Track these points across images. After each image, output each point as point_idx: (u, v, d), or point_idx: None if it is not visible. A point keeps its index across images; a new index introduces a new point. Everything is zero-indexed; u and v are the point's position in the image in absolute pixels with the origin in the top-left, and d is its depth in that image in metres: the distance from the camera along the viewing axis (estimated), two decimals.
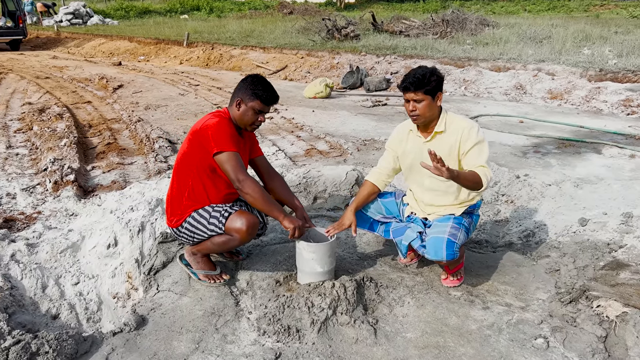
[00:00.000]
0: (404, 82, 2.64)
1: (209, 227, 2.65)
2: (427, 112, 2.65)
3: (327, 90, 9.08)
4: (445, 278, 2.87)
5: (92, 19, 26.38)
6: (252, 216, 2.63)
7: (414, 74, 2.63)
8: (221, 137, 2.59)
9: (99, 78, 11.40)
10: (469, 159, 2.67)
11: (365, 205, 2.96)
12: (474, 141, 2.65)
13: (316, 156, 5.70)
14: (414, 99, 2.62)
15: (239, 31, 18.00)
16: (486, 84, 9.47)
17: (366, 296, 2.70)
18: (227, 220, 2.61)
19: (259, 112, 2.71)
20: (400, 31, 15.41)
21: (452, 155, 2.71)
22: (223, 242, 2.66)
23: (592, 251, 3.02)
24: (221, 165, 2.60)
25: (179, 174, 2.74)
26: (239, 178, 2.57)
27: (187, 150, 2.71)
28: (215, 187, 2.73)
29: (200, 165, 2.67)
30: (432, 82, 2.61)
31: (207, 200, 2.72)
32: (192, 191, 2.71)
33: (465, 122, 2.71)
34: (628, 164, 5.25)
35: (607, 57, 10.52)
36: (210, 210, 2.69)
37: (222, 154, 2.58)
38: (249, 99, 2.69)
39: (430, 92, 2.62)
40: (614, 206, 3.68)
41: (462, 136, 2.67)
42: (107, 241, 3.52)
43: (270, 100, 2.72)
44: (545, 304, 2.69)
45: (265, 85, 2.71)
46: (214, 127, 2.59)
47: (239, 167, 2.59)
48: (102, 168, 5.65)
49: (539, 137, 6.35)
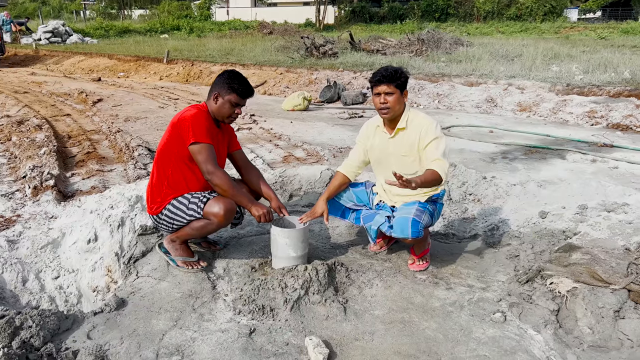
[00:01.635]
0: (377, 76, 2.84)
1: (188, 212, 2.79)
2: (396, 105, 2.84)
3: (305, 103, 9.30)
4: (412, 263, 3.05)
5: (72, 38, 26.37)
6: (229, 202, 2.77)
7: (386, 69, 2.84)
8: (197, 129, 2.74)
9: (78, 92, 11.46)
10: (427, 152, 2.86)
11: (337, 194, 3.13)
12: (432, 136, 2.84)
13: (293, 162, 5.86)
14: (386, 92, 2.82)
15: (219, 49, 18.24)
16: (459, 97, 9.80)
17: (337, 279, 2.85)
18: (205, 205, 2.75)
19: (235, 105, 2.88)
20: (377, 50, 15.82)
21: (412, 150, 2.90)
22: (201, 226, 2.79)
23: (549, 238, 3.22)
24: (194, 155, 2.76)
25: (159, 164, 2.88)
26: (209, 169, 2.74)
27: (167, 141, 2.85)
28: (194, 176, 2.88)
29: (179, 155, 2.82)
30: (402, 78, 2.84)
31: (186, 188, 2.86)
32: (171, 180, 2.85)
33: (425, 120, 2.91)
34: (589, 167, 5.53)
35: (574, 73, 10.99)
36: (189, 197, 2.83)
37: (196, 145, 2.74)
38: (225, 92, 2.85)
39: (400, 87, 2.84)
40: (572, 201, 3.90)
41: (421, 133, 2.87)
42: (87, 236, 3.61)
43: (246, 94, 2.89)
44: (504, 285, 2.87)
45: (241, 79, 2.88)
46: (191, 119, 2.75)
47: (210, 159, 2.75)
48: (82, 175, 5.72)
49: (507, 144, 6.63)
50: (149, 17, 42.31)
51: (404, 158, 2.92)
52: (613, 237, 3.08)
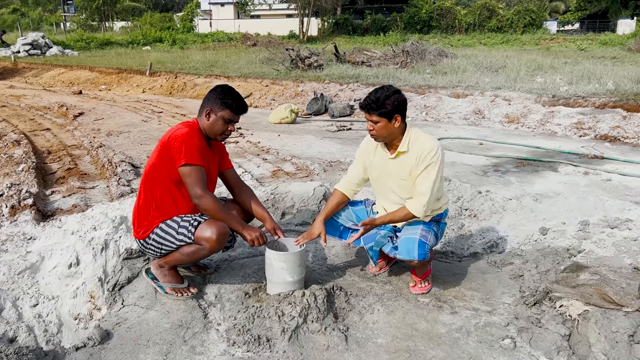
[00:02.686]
0: (362, 102, 2.71)
1: (177, 237, 2.62)
2: (384, 133, 2.70)
3: (292, 116, 9.17)
4: (414, 285, 2.91)
5: (51, 50, 25.99)
6: (222, 225, 2.61)
7: (370, 96, 2.67)
8: (188, 149, 2.58)
9: (59, 106, 11.18)
10: (416, 184, 2.73)
11: (336, 213, 2.98)
12: (426, 164, 2.67)
13: (283, 177, 5.71)
14: (370, 120, 2.69)
15: (203, 61, 18.08)
16: (446, 109, 9.77)
17: (336, 304, 2.70)
18: (196, 229, 2.58)
19: (228, 122, 2.73)
20: (362, 62, 15.81)
21: (412, 176, 2.76)
22: (192, 251, 2.62)
23: (553, 256, 3.12)
24: (183, 177, 2.60)
25: (146, 185, 2.71)
26: (197, 193, 2.58)
27: (156, 161, 2.69)
28: (184, 198, 2.71)
29: (169, 176, 2.65)
30: (388, 105, 2.63)
31: (175, 211, 2.70)
32: (160, 202, 2.67)
33: (427, 144, 2.70)
34: (582, 180, 5.48)
35: (559, 85, 11.06)
36: (178, 220, 2.66)
37: (186, 167, 2.58)
38: (218, 108, 2.70)
39: (385, 115, 2.64)
40: (571, 216, 3.82)
41: (418, 159, 2.70)
42: (68, 260, 3.41)
43: (240, 110, 2.75)
44: (510, 307, 2.74)
45: (234, 95, 2.74)
46: (182, 138, 2.59)
47: (199, 182, 2.59)
48: (62, 192, 5.50)
49: (498, 157, 6.56)
50: (131, 29, 41.97)
51: (403, 182, 2.79)
52: (619, 255, 2.98)
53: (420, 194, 2.70)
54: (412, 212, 2.69)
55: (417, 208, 2.69)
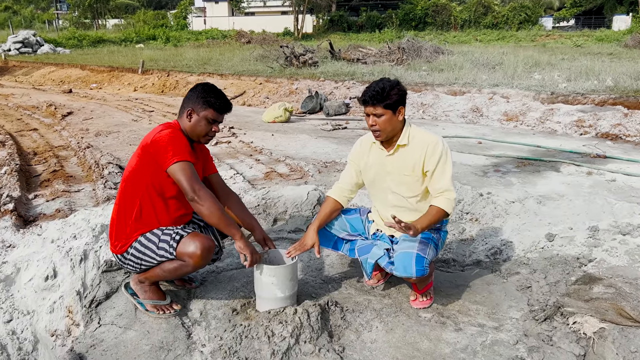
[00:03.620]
0: (364, 96, 2.50)
1: (158, 252, 2.40)
2: (387, 127, 2.51)
3: (286, 115, 8.95)
4: (415, 299, 2.70)
5: (43, 48, 25.68)
6: (206, 238, 2.39)
7: (373, 87, 2.50)
8: (176, 147, 2.36)
9: (47, 105, 10.92)
10: (433, 182, 2.55)
11: (328, 222, 2.77)
12: (437, 158, 2.51)
13: (276, 179, 5.50)
14: (374, 113, 2.49)
15: (196, 59, 17.83)
16: (443, 107, 9.57)
17: (331, 322, 2.49)
18: (178, 244, 2.36)
19: (212, 122, 2.51)
20: (357, 59, 15.59)
21: (415, 171, 2.57)
22: (175, 268, 2.40)
23: (562, 266, 2.92)
24: (174, 175, 2.35)
25: (125, 194, 2.49)
26: (195, 188, 2.32)
27: (137, 166, 2.46)
28: (167, 208, 2.49)
29: (151, 183, 2.43)
30: (393, 96, 2.48)
31: (156, 223, 2.47)
32: (139, 212, 2.45)
33: (430, 137, 2.58)
34: (586, 180, 5.30)
35: (557, 82, 10.88)
36: (159, 233, 2.44)
37: (176, 164, 2.34)
38: (201, 108, 2.49)
39: (390, 107, 2.49)
40: (578, 221, 3.63)
41: (426, 152, 2.53)
42: (45, 273, 3.19)
43: (224, 108, 2.53)
44: (519, 323, 2.55)
45: (217, 92, 2.52)
46: (167, 138, 2.37)
47: (194, 177, 2.36)
48: (46, 196, 5.27)
49: (498, 156, 6.37)
50: (124, 27, 41.62)
51: (405, 178, 2.58)
52: (633, 264, 2.79)
53: (444, 191, 2.50)
54: (445, 209, 2.47)
55: (448, 204, 2.48)
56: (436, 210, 2.46)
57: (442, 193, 2.51)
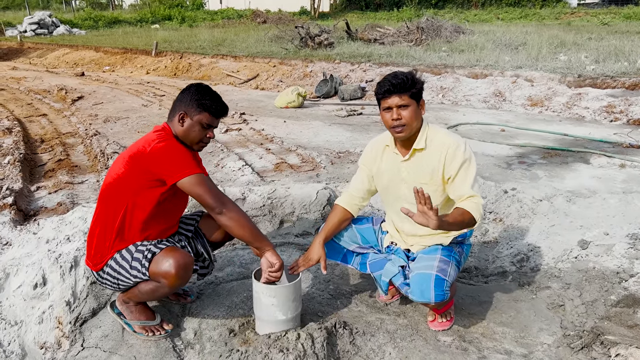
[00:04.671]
0: (385, 86, 2.19)
1: (131, 272, 2.14)
2: (413, 121, 2.20)
3: (299, 100, 8.63)
4: (433, 320, 2.42)
5: (59, 29, 25.55)
6: (183, 254, 2.12)
7: (395, 76, 2.19)
8: (181, 159, 2.12)
9: (58, 89, 10.75)
10: (455, 187, 2.23)
11: (337, 234, 2.49)
12: (460, 163, 2.20)
13: (286, 171, 5.23)
14: (399, 104, 2.17)
15: (210, 40, 17.49)
16: (464, 91, 9.15)
17: (339, 347, 2.23)
18: (150, 262, 2.11)
19: (207, 127, 2.24)
20: (374, 39, 15.10)
21: (434, 179, 2.26)
22: (151, 290, 2.15)
23: (599, 282, 2.60)
24: (192, 189, 2.11)
25: (107, 203, 2.22)
26: (223, 201, 2.13)
27: (123, 175, 2.18)
28: (154, 221, 2.23)
29: (137, 194, 2.16)
30: (418, 85, 2.20)
31: (138, 236, 2.20)
32: (122, 225, 2.19)
33: (450, 139, 2.26)
34: (619, 174, 4.92)
35: (584, 63, 10.33)
36: (132, 250, 2.17)
37: (190, 177, 2.10)
38: (195, 111, 2.21)
39: (416, 97, 2.20)
40: (614, 225, 3.29)
41: (446, 157, 2.22)
42: (34, 280, 2.98)
43: (220, 112, 2.26)
44: (551, 350, 2.25)
45: (212, 94, 2.24)
46: (166, 149, 2.11)
47: (216, 189, 2.16)
48: (49, 188, 5.09)
49: (522, 146, 6.00)
50: (140, 7, 41.32)
51: (423, 187, 2.27)
52: None
53: (471, 196, 2.19)
54: (472, 213, 2.13)
55: (476, 209, 2.14)
56: (462, 212, 2.13)
57: (468, 198, 2.20)
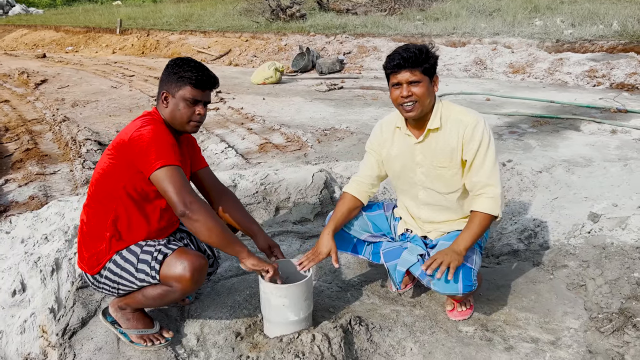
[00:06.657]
0: (395, 60, 1.97)
1: (137, 275, 1.92)
2: (425, 99, 2.00)
3: (277, 75, 8.33)
4: (452, 309, 2.27)
5: (14, 9, 24.32)
6: (197, 255, 1.91)
7: (406, 49, 1.98)
8: (160, 148, 1.84)
9: (19, 73, 10.19)
10: (471, 174, 2.07)
11: (346, 223, 2.30)
12: (478, 144, 2.03)
13: (272, 151, 5.00)
14: (410, 80, 1.97)
15: (177, 15, 16.85)
16: (444, 60, 8.98)
17: (356, 345, 2.06)
18: (162, 265, 1.89)
19: (193, 102, 1.98)
20: (347, 9, 14.75)
21: (454, 161, 2.08)
22: (159, 295, 1.93)
23: (619, 258, 2.49)
24: (159, 184, 1.84)
25: (97, 200, 1.98)
26: (186, 200, 1.81)
27: (109, 168, 1.93)
28: (148, 218, 2.00)
29: (129, 188, 1.92)
30: (431, 59, 1.99)
31: (137, 236, 1.97)
32: (117, 224, 1.96)
33: (468, 117, 2.06)
34: (611, 140, 4.85)
35: (561, 28, 10.25)
36: (137, 251, 1.95)
37: (161, 169, 1.83)
38: (175, 86, 1.96)
39: (428, 72, 2.00)
40: (621, 195, 3.18)
41: (464, 137, 2.04)
42: (11, 287, 2.72)
43: (205, 83, 1.98)
44: (579, 335, 2.13)
45: (194, 65, 1.97)
46: (148, 136, 1.84)
47: (184, 186, 1.85)
48: (18, 181, 4.77)
49: (511, 115, 5.88)
50: None
51: (440, 171, 2.10)
52: None
53: (485, 186, 2.04)
54: (490, 213, 2.02)
55: (493, 206, 2.02)
56: (479, 218, 2.00)
57: (482, 189, 2.04)
